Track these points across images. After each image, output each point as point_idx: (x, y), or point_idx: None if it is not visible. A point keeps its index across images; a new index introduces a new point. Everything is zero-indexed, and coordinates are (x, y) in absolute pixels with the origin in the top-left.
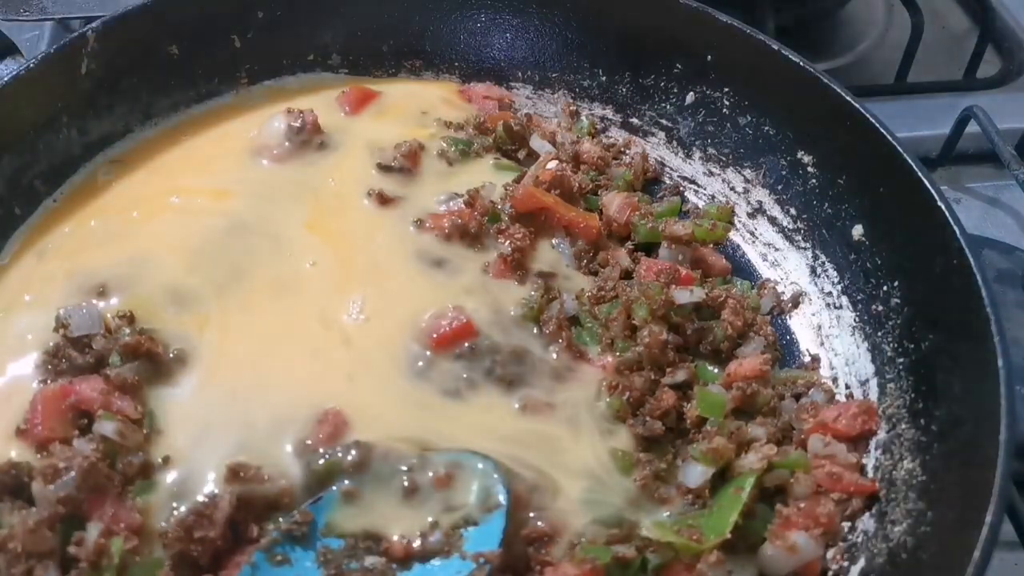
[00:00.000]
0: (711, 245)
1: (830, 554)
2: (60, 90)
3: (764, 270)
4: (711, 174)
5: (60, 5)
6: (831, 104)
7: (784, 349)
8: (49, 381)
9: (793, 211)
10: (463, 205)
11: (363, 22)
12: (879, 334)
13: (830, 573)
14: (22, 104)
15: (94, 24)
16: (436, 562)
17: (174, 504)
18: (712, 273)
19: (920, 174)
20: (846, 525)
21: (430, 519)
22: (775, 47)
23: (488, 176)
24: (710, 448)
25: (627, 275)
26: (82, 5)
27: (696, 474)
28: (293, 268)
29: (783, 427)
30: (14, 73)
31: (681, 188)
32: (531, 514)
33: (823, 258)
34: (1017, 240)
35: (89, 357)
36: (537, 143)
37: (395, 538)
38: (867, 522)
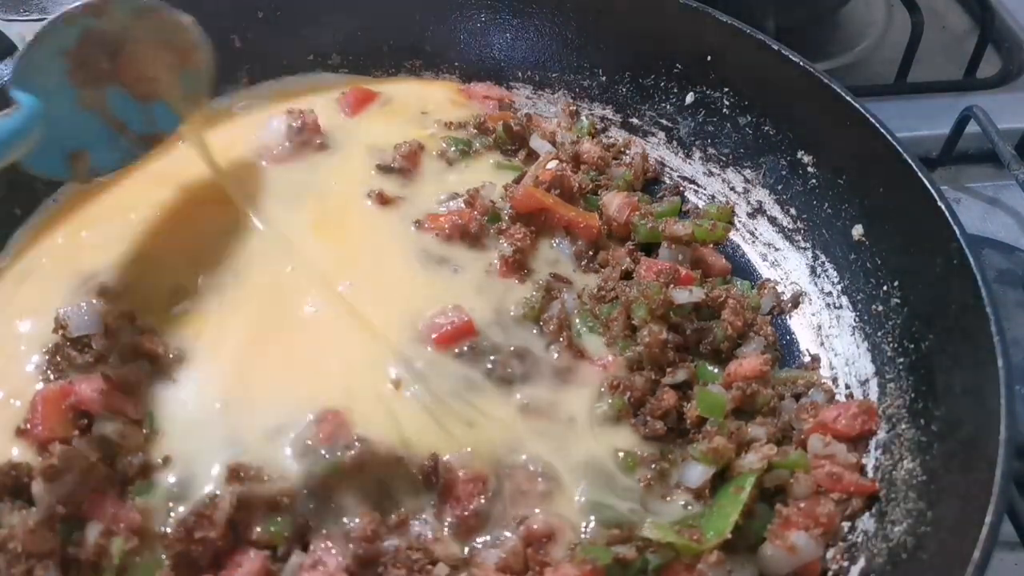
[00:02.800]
0: (711, 245)
1: (830, 554)
2: None
3: (764, 270)
4: (711, 174)
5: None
6: (831, 104)
7: (784, 349)
8: (52, 379)
9: (793, 211)
10: (463, 205)
11: (363, 22)
12: (879, 334)
13: (830, 573)
14: None
15: None
16: None
17: (171, 504)
18: (712, 273)
19: (920, 174)
20: (846, 525)
21: None
22: (775, 47)
23: (488, 176)
24: (710, 448)
25: (627, 275)
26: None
27: (696, 474)
28: (293, 269)
29: (783, 427)
30: None
31: (681, 188)
32: (536, 511)
33: (823, 258)
34: (1017, 240)
35: (89, 357)
36: (537, 143)
37: None
38: (867, 522)
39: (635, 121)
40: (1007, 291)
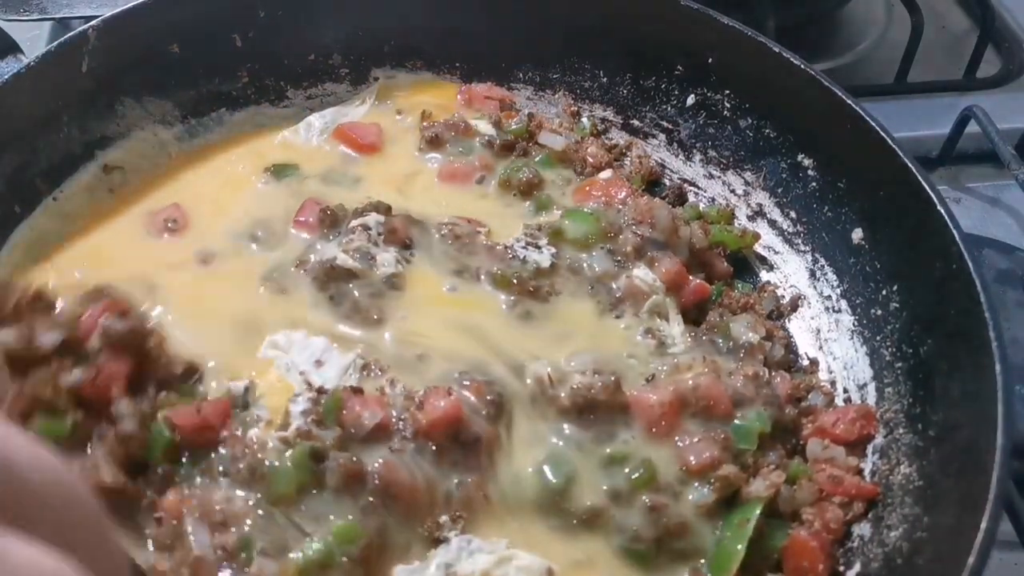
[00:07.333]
0: (717, 248)
1: None
2: (61, 88)
3: (763, 273)
4: (711, 176)
5: (60, 5)
6: (832, 106)
7: None
8: None
9: (793, 214)
10: None
11: (364, 22)
12: (878, 338)
13: None
14: (23, 102)
15: (95, 22)
16: None
17: None
18: (715, 276)
19: (920, 177)
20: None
21: None
22: (776, 49)
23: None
24: (720, 476)
25: None
26: (82, 5)
27: (701, 495)
28: None
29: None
30: (14, 72)
31: (682, 190)
32: None
33: (822, 261)
34: (1017, 240)
35: None
36: (547, 138)
37: None
38: (863, 527)
39: (636, 123)
40: (1007, 291)
